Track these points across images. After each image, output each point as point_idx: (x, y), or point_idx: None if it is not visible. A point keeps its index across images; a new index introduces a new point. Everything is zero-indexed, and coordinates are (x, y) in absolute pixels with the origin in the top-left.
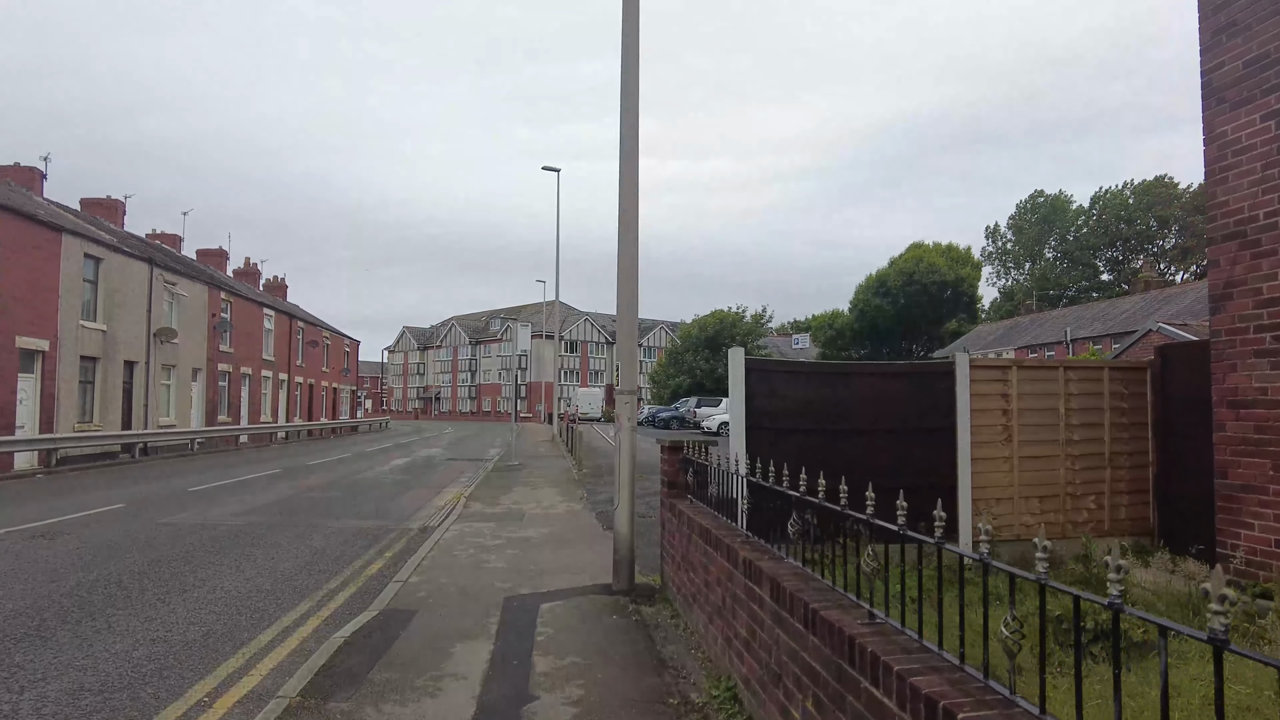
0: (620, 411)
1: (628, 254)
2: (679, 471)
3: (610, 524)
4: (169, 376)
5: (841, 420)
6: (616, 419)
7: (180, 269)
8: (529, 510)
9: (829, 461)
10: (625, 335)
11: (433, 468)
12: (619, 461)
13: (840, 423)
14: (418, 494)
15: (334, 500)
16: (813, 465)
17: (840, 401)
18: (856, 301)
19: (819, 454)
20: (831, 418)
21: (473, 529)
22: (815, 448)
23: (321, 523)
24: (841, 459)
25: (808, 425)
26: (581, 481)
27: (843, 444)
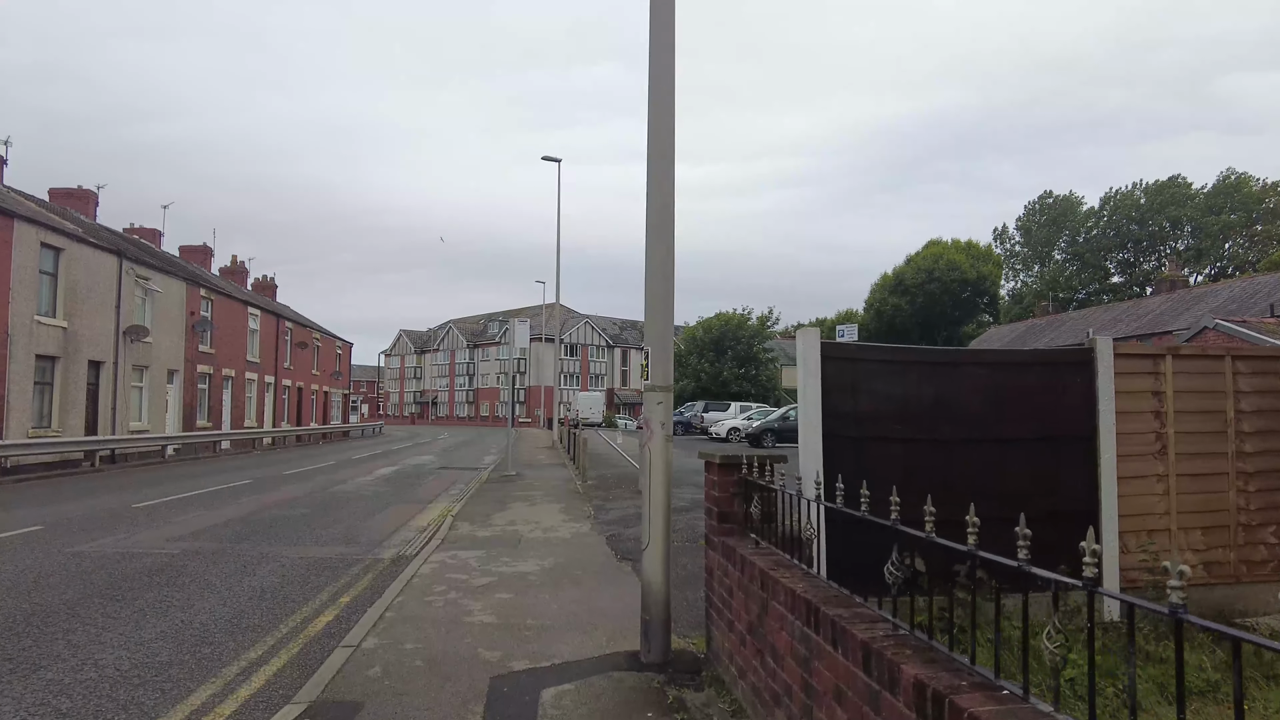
0: (649, 414)
1: (659, 201)
2: (733, 499)
3: (628, 553)
4: (141, 378)
5: (946, 425)
6: (644, 424)
7: (155, 263)
8: (526, 533)
9: (929, 480)
10: (657, 311)
11: (421, 478)
12: (648, 484)
13: (944, 428)
14: (399, 511)
15: (299, 519)
16: (910, 485)
17: (944, 401)
18: (872, 301)
19: (916, 471)
20: (933, 422)
21: (457, 560)
22: (912, 462)
23: (275, 550)
24: (945, 477)
25: (902, 432)
26: (587, 495)
27: (947, 457)
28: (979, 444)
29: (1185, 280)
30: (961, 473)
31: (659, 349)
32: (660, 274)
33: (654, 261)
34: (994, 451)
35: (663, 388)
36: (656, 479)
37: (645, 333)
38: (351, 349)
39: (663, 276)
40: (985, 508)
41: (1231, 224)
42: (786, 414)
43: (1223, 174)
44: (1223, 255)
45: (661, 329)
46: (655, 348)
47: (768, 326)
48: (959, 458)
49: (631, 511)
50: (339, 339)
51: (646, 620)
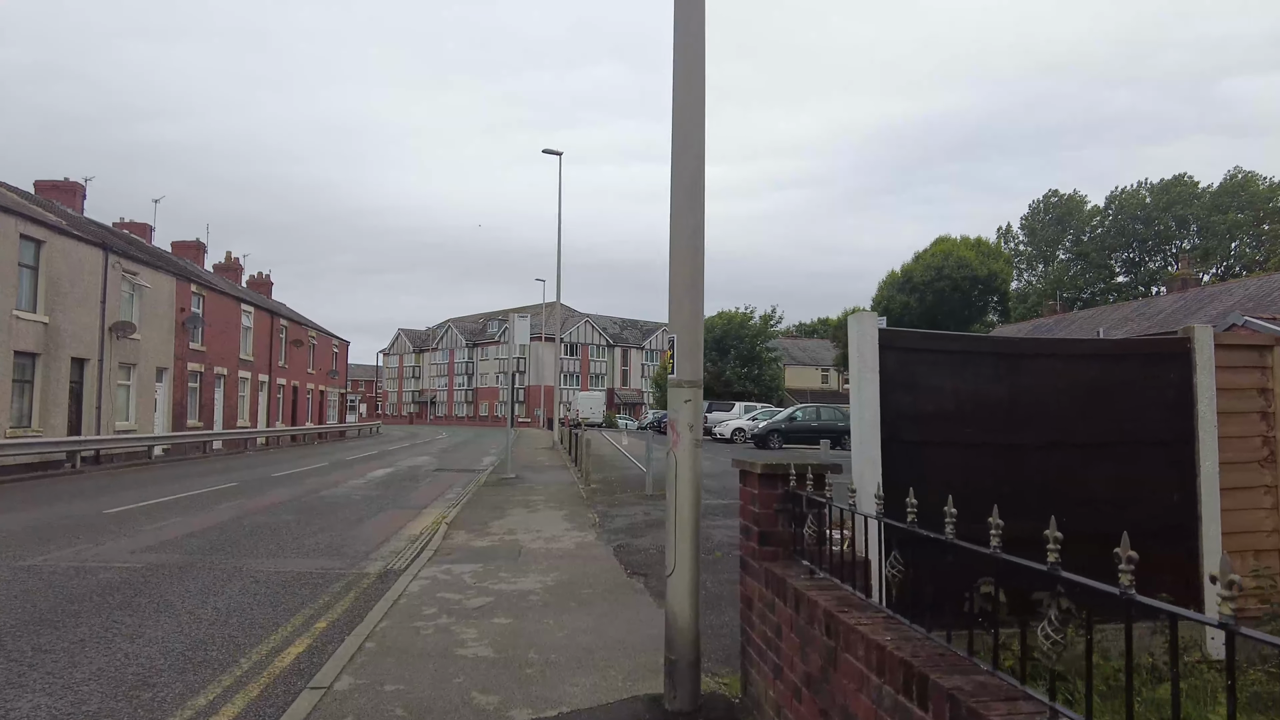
0: (676, 415)
1: (688, 163)
2: (778, 517)
3: (639, 567)
4: (128, 376)
5: (1019, 427)
6: (669, 428)
7: (143, 258)
8: (527, 543)
9: (1000, 490)
10: (684, 294)
11: (416, 481)
12: (673, 498)
13: (1017, 431)
14: (390, 517)
15: (282, 527)
16: (979, 496)
17: (1017, 398)
18: (880, 299)
19: (987, 479)
20: (1004, 423)
21: (450, 576)
22: (981, 470)
23: (250, 564)
24: (1017, 487)
25: (969, 435)
26: (590, 500)
27: (1020, 464)
28: (1055, 449)
29: (1197, 279)
30: (1035, 481)
31: (687, 338)
32: (688, 250)
33: (681, 235)
34: (1072, 458)
35: (691, 383)
36: (684, 493)
37: (671, 320)
38: (348, 347)
39: (691, 253)
40: (1063, 523)
41: (1239, 223)
42: (794, 414)
43: (1230, 173)
44: (1229, 254)
45: (689, 315)
46: (682, 337)
47: (770, 326)
48: (1032, 465)
49: (640, 519)
50: (335, 337)
51: (672, 660)
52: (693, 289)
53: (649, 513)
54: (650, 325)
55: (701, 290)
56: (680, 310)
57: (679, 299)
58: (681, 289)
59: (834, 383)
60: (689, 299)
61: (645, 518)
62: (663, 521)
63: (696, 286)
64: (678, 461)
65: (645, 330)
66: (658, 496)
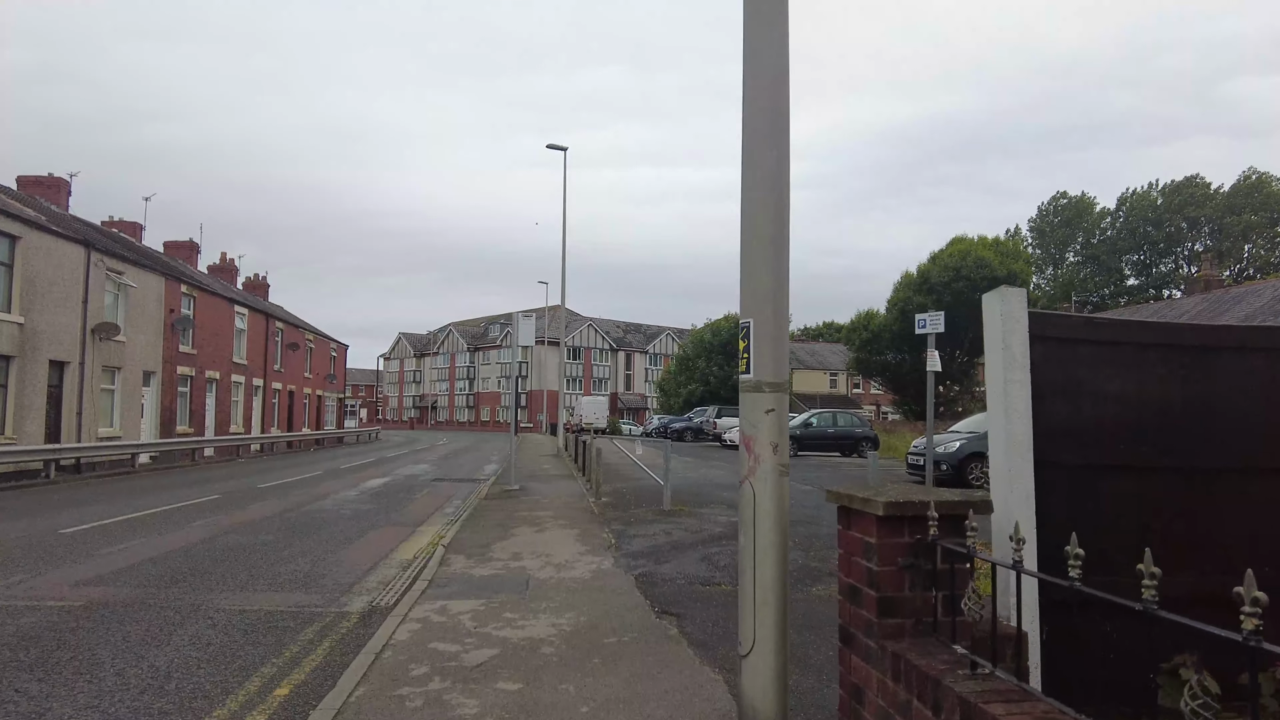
0: (753, 430)
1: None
2: (904, 577)
3: (668, 603)
4: (113, 380)
5: (1208, 446)
6: (743, 446)
7: (129, 256)
8: (535, 570)
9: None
10: (762, 259)
11: (413, 492)
12: (750, 547)
13: (1206, 451)
14: (381, 537)
15: (258, 550)
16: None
17: (1207, 404)
18: (895, 300)
19: (1165, 516)
20: (1189, 440)
21: (445, 617)
22: (1157, 503)
23: (211, 600)
24: (1207, 528)
25: (1146, 457)
26: (603, 517)
27: (1209, 495)
28: (1258, 475)
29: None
30: (1230, 519)
31: (767, 320)
32: (767, 196)
33: (756, 174)
34: (1276, 487)
35: (774, 386)
36: (767, 541)
37: (743, 296)
38: (347, 351)
39: (772, 199)
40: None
41: (1253, 224)
42: (809, 420)
43: (1244, 173)
44: (1243, 256)
45: (771, 287)
46: (761, 319)
47: None
48: (1226, 494)
49: (662, 540)
50: (333, 340)
51: None
52: (775, 249)
53: (670, 532)
54: (654, 329)
55: (786, 253)
56: (756, 281)
57: (755, 265)
58: (758, 251)
59: (842, 387)
60: (770, 263)
61: (667, 539)
62: (688, 544)
63: (780, 247)
64: (756, 495)
65: (649, 334)
66: (678, 513)
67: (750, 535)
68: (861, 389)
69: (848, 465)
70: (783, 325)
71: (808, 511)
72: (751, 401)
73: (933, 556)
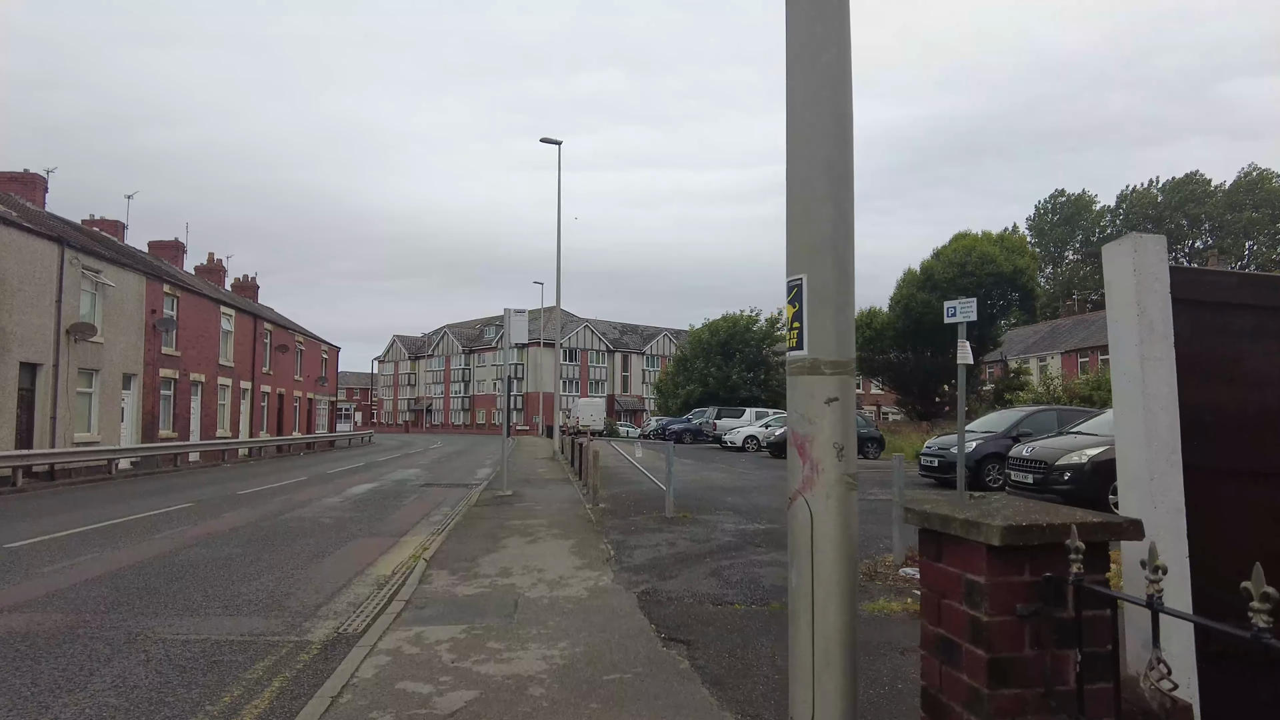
0: (806, 430)
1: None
2: (1024, 630)
3: (675, 628)
4: (90, 383)
5: None
6: (795, 449)
7: (107, 254)
8: (525, 589)
9: None
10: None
11: (400, 498)
12: (808, 585)
13: None
14: (359, 549)
15: (222, 565)
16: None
17: None
18: (899, 297)
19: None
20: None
21: (420, 648)
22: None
23: (156, 627)
24: None
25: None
26: (601, 524)
27: None
28: None
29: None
30: None
31: (825, 278)
32: (826, 105)
33: (810, 76)
34: None
35: (837, 366)
36: (830, 579)
37: (790, 247)
38: (339, 353)
39: (831, 110)
40: None
41: (1255, 221)
42: None
43: (1244, 170)
44: (1244, 253)
45: (829, 233)
46: (817, 277)
47: (777, 330)
48: None
49: (665, 551)
50: (325, 342)
51: None
52: (834, 178)
53: (674, 543)
54: (651, 330)
55: (850, 182)
56: (809, 223)
57: (807, 201)
58: (811, 181)
59: None
60: (828, 197)
61: (671, 550)
62: (695, 556)
63: (841, 174)
64: (814, 517)
65: (646, 335)
66: (681, 520)
67: (806, 571)
68: (862, 389)
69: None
70: (847, 282)
71: None
72: (805, 389)
73: (1069, 601)
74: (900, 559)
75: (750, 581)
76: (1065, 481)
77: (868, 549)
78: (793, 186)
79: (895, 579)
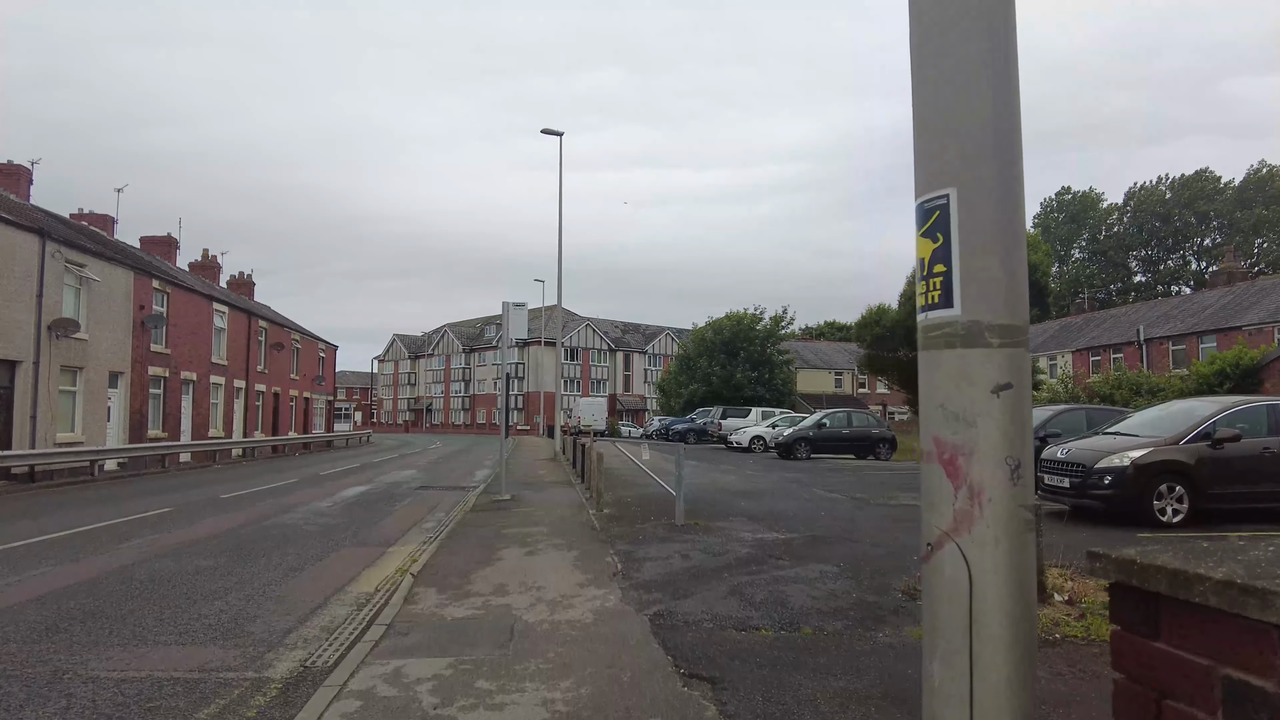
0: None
1: None
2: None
3: (695, 659)
4: (74, 381)
5: None
6: (935, 464)
7: (92, 248)
8: (523, 610)
9: None
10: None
11: (393, 502)
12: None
13: None
14: (342, 560)
15: (186, 580)
16: None
17: None
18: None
19: None
20: None
21: (398, 690)
22: None
23: (87, 661)
24: None
25: None
26: (606, 533)
27: None
28: None
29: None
30: None
31: (983, 196)
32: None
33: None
34: None
35: (1005, 331)
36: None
37: (922, 153)
38: (336, 352)
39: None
40: None
41: (1264, 219)
42: (822, 421)
43: (1253, 167)
44: (1253, 251)
45: (992, 127)
46: (972, 194)
47: (781, 328)
48: None
49: (678, 565)
50: (322, 341)
51: None
52: (992, 48)
53: (687, 554)
54: (653, 329)
55: (1015, 59)
56: (964, 105)
57: (951, 71)
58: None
59: (848, 386)
60: (985, 67)
61: (685, 563)
62: (711, 570)
63: (1004, 45)
64: (974, 575)
65: (648, 334)
66: (693, 527)
67: (959, 661)
68: (868, 388)
69: (869, 469)
70: (1018, 204)
71: (840, 525)
72: (956, 369)
73: None
74: None
75: (777, 602)
76: (1106, 486)
77: (899, 561)
78: (923, 48)
79: None
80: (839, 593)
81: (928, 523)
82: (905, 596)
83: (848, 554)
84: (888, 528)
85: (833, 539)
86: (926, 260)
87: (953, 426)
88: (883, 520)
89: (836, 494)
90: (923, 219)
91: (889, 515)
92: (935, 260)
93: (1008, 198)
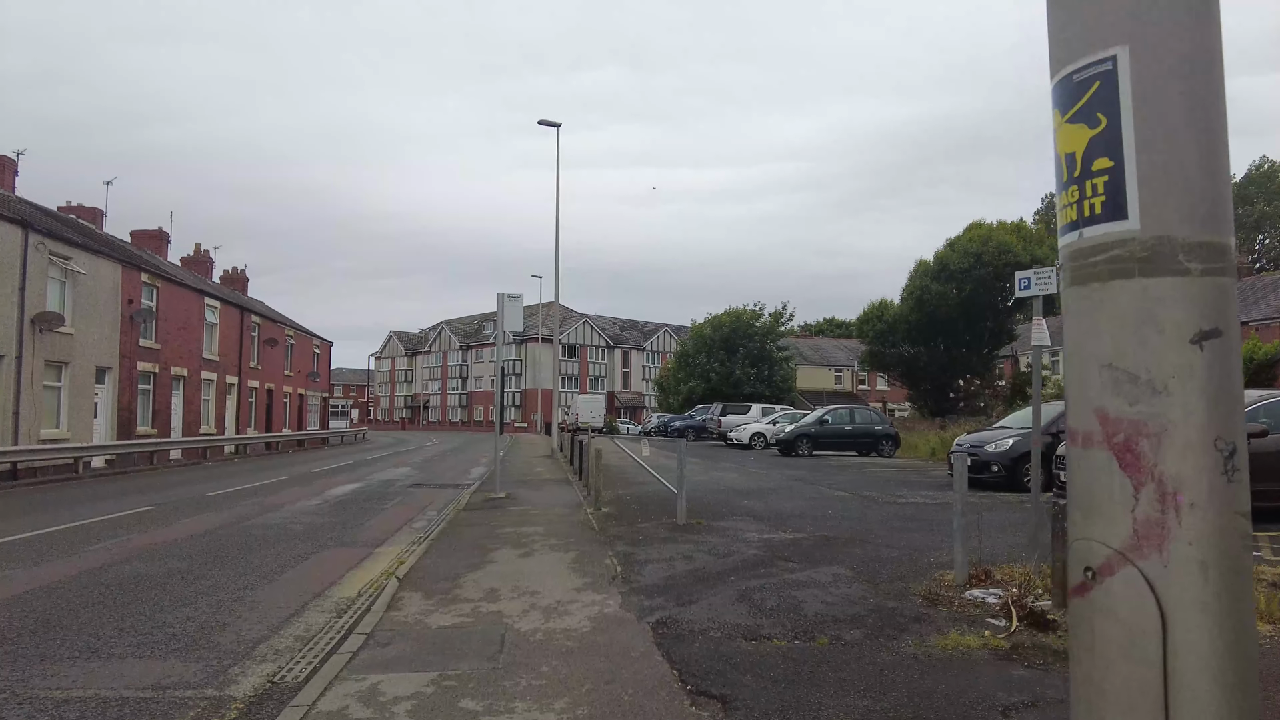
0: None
1: None
2: None
3: (704, 674)
4: (58, 377)
5: None
6: (1109, 451)
7: (78, 241)
8: (515, 618)
9: None
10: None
11: (383, 501)
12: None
13: None
14: (325, 563)
15: (156, 584)
16: None
17: None
18: (912, 288)
19: None
20: None
21: (373, 711)
22: None
23: (30, 677)
24: None
25: None
26: (604, 532)
27: None
28: None
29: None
30: None
31: (1171, 65)
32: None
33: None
34: None
35: (1207, 251)
36: None
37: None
38: (331, 348)
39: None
40: None
41: (1266, 215)
42: (824, 417)
43: (1255, 163)
44: (1255, 248)
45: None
46: (1158, 55)
47: (780, 325)
48: None
49: (681, 567)
50: (316, 337)
51: None
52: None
53: (691, 556)
54: (651, 326)
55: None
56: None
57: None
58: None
59: (848, 383)
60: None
61: (688, 565)
62: (716, 573)
63: None
64: (1169, 615)
65: (646, 331)
66: (695, 527)
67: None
68: (868, 385)
69: (874, 466)
70: (1213, 72)
71: (849, 525)
72: (1134, 309)
73: None
74: (963, 578)
75: (788, 608)
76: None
77: (916, 564)
78: None
79: (961, 604)
80: (855, 598)
81: (1084, 536)
82: (926, 602)
83: (860, 556)
84: (900, 527)
85: (843, 540)
86: (1079, 155)
87: (1129, 394)
88: (894, 519)
89: (843, 492)
90: (1070, 97)
91: (900, 514)
92: (1093, 153)
93: (1203, 59)
